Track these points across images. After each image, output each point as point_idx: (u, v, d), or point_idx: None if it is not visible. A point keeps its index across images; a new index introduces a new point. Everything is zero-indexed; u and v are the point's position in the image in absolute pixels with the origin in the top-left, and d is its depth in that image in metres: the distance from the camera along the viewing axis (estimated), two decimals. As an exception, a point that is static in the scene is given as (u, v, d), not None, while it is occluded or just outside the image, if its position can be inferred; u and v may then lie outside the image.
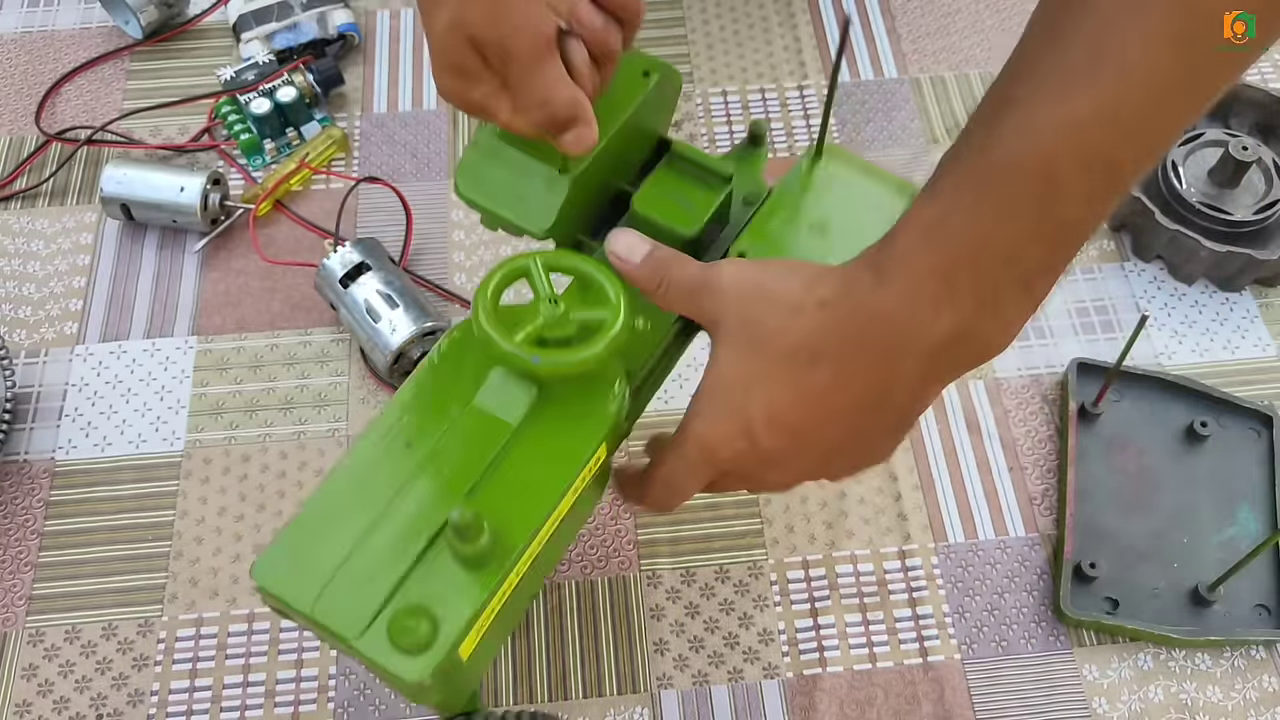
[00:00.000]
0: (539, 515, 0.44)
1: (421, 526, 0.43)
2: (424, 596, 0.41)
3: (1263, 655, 0.62)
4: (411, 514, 0.43)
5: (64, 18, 0.87)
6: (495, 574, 0.42)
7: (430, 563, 0.42)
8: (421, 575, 0.42)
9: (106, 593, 0.63)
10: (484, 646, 0.44)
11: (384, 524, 0.43)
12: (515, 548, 0.43)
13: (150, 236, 0.76)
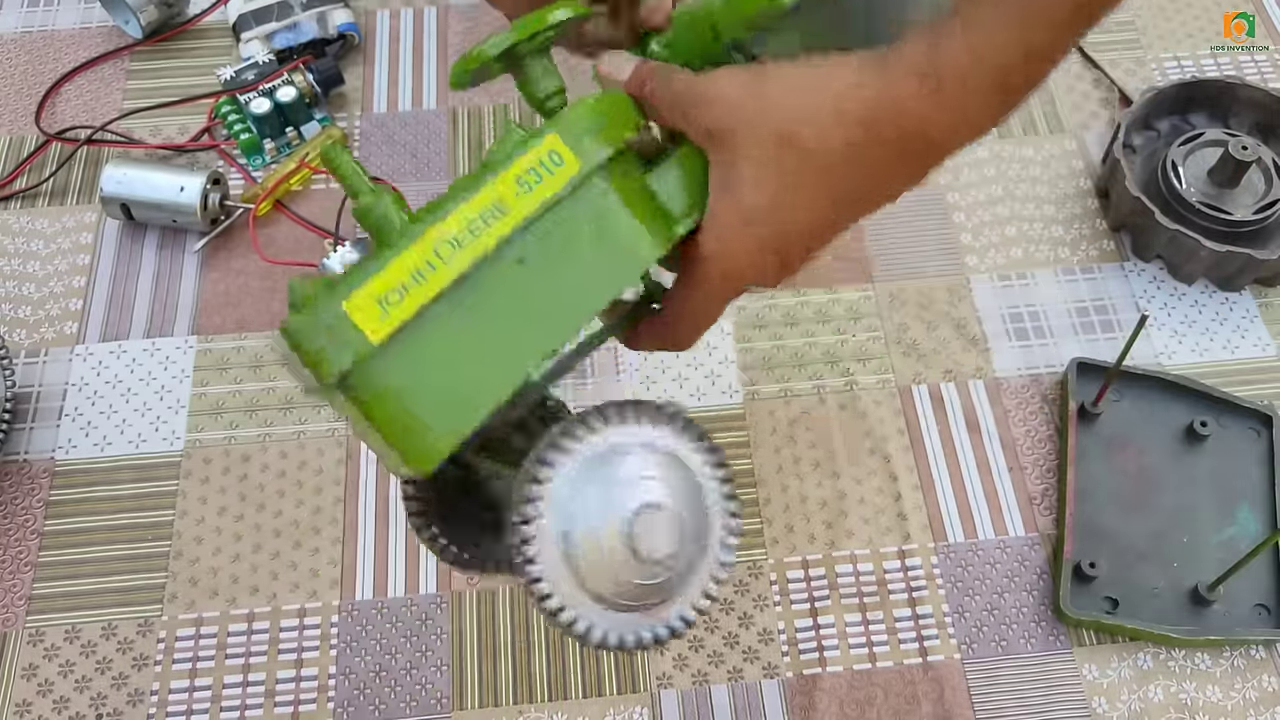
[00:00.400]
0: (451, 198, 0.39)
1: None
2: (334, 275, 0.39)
3: (1262, 655, 0.62)
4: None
5: (64, 17, 0.87)
6: (400, 238, 0.38)
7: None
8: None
9: (106, 592, 0.63)
10: (426, 362, 0.38)
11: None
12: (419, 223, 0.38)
13: (150, 236, 0.76)
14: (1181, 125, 0.79)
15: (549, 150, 0.40)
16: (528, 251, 0.39)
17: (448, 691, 0.60)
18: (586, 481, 0.37)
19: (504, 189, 0.39)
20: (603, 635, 0.37)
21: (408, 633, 0.62)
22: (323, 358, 0.35)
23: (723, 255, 0.42)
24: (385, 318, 0.36)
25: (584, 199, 0.40)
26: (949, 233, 0.77)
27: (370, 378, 0.36)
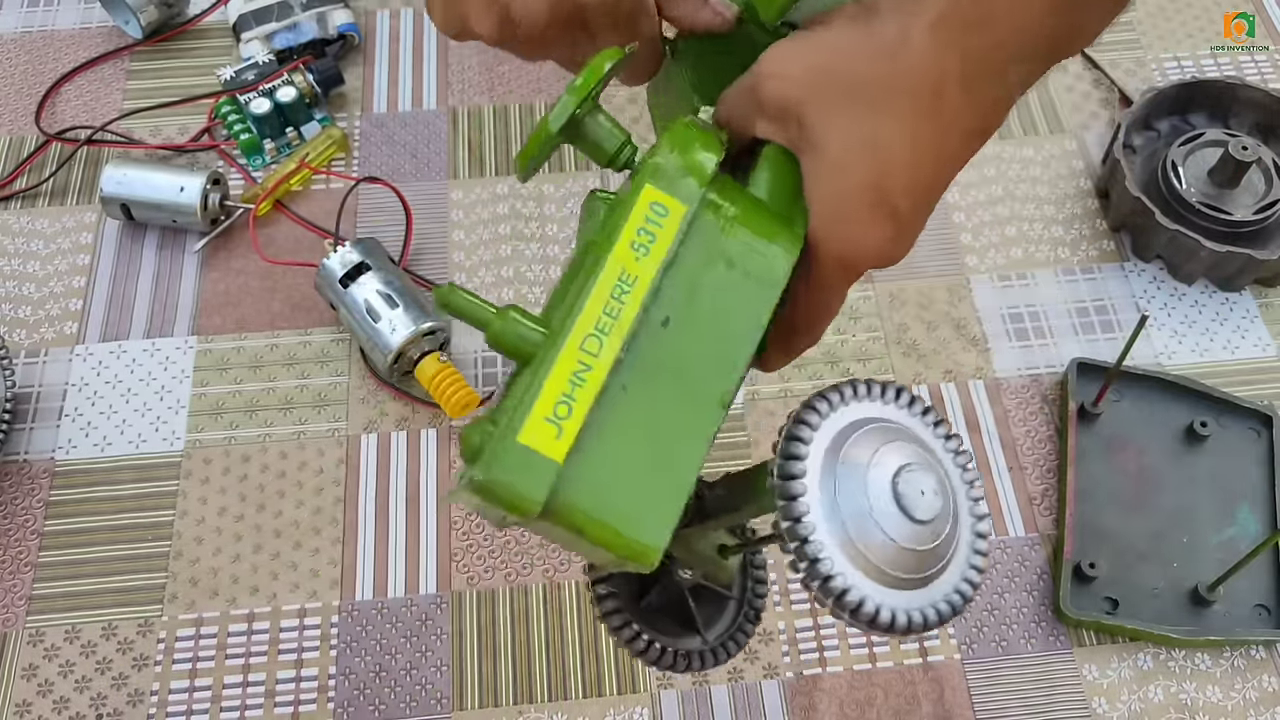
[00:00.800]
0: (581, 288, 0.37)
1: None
2: (493, 415, 0.37)
3: (1262, 655, 0.62)
4: None
5: (64, 18, 0.87)
6: (547, 350, 0.36)
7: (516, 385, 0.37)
8: (501, 405, 0.38)
9: (106, 593, 0.63)
10: (617, 457, 0.36)
11: None
12: (560, 328, 0.36)
13: (150, 236, 0.76)
14: (1181, 125, 0.79)
15: (649, 203, 0.38)
16: (669, 311, 0.37)
17: (448, 692, 0.60)
18: (839, 453, 0.36)
19: (623, 259, 0.37)
20: (891, 616, 0.35)
21: (408, 633, 0.62)
22: (519, 497, 0.34)
23: (834, 237, 0.39)
24: (561, 435, 0.34)
25: (701, 237, 0.38)
26: (949, 233, 0.77)
27: (570, 496, 0.34)
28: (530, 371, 0.36)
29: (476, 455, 0.35)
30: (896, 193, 0.38)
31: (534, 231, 0.76)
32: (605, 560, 0.37)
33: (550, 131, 0.40)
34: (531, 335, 0.36)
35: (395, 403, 0.69)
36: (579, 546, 0.36)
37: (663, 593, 0.48)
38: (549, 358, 0.35)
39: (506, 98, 0.83)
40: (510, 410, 0.35)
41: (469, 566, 0.64)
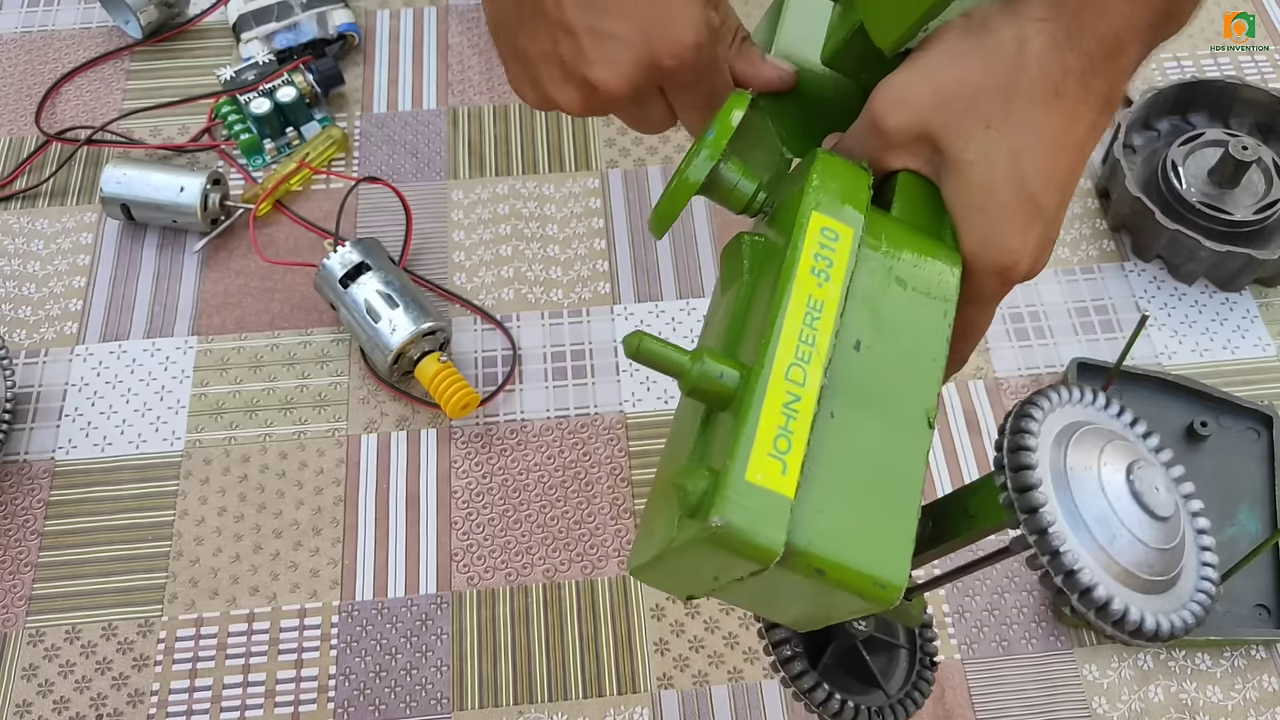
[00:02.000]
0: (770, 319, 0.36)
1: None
2: (705, 460, 0.35)
3: (1263, 655, 0.62)
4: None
5: (64, 18, 0.87)
6: (754, 383, 0.34)
7: (707, 433, 0.36)
8: (701, 450, 0.36)
9: (106, 593, 0.63)
10: (843, 489, 0.34)
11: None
12: (757, 365, 0.35)
13: (150, 236, 0.76)
14: (1181, 125, 0.79)
15: (820, 229, 0.37)
16: (857, 334, 0.36)
17: (448, 692, 0.60)
18: (1065, 458, 0.35)
19: (808, 286, 0.36)
20: (1155, 623, 0.33)
21: (408, 633, 0.62)
22: (759, 541, 0.32)
23: (990, 249, 0.39)
24: (785, 469, 0.33)
25: (870, 261, 0.38)
26: (949, 233, 0.77)
27: (807, 535, 0.32)
28: (739, 408, 0.34)
29: (698, 506, 0.32)
30: (1041, 195, 0.39)
31: (534, 231, 0.76)
32: (837, 607, 0.35)
33: (692, 187, 0.39)
34: (729, 373, 0.35)
35: (395, 403, 0.69)
36: (806, 593, 0.34)
37: (837, 649, 0.46)
38: (758, 389, 0.34)
39: (506, 98, 0.83)
40: (726, 452, 0.33)
41: (469, 566, 0.64)
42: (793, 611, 0.37)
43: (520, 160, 0.80)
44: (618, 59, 0.41)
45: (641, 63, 0.41)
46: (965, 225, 0.39)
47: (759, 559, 0.32)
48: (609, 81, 0.41)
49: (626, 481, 0.67)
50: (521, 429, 0.68)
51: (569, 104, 0.42)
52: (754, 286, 0.38)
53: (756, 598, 0.36)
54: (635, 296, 0.74)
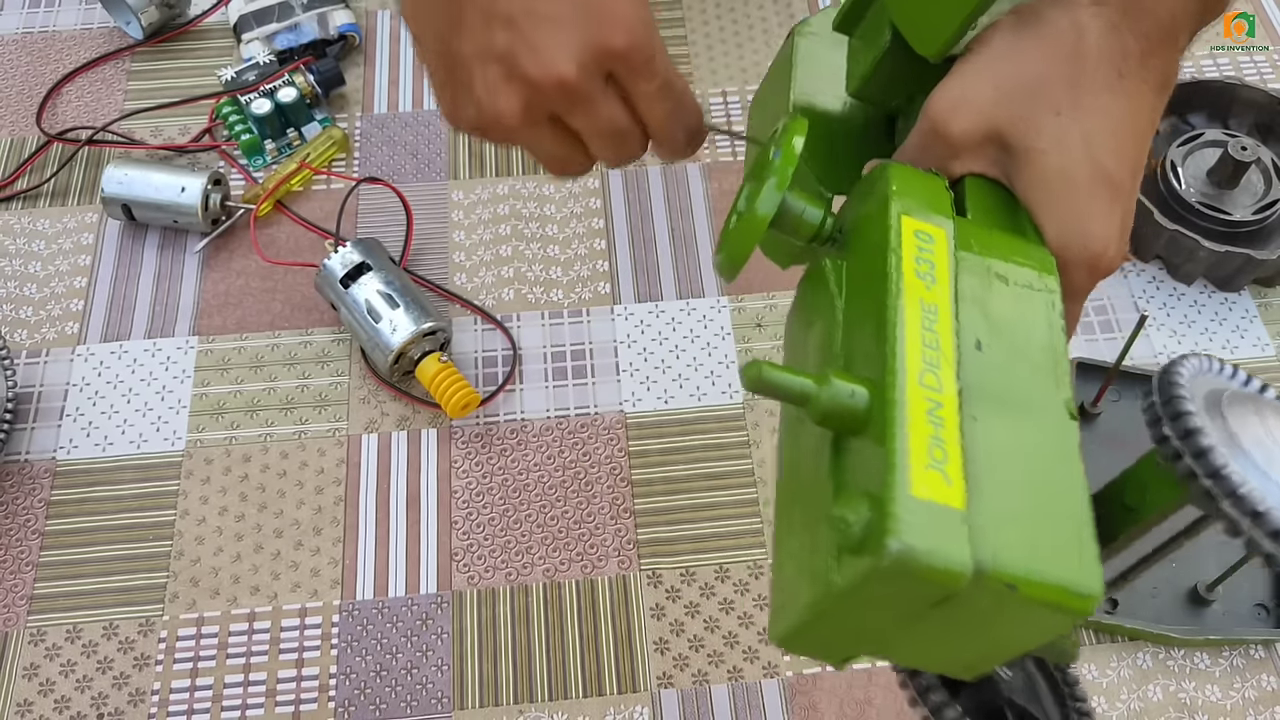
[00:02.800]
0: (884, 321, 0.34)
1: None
2: (854, 489, 0.32)
3: (1261, 654, 0.62)
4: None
5: (65, 18, 0.88)
6: (890, 394, 0.32)
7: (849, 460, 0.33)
8: (842, 481, 0.33)
9: (107, 592, 0.63)
10: (1011, 495, 0.31)
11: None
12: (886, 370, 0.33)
13: (151, 237, 0.76)
14: (1181, 125, 0.79)
15: (913, 233, 0.35)
16: (976, 334, 0.34)
17: (448, 691, 0.60)
18: (1224, 418, 0.33)
19: (917, 290, 0.34)
20: None
21: (408, 632, 0.62)
22: (946, 563, 0.28)
23: (1077, 238, 0.38)
24: (949, 481, 0.30)
25: (968, 261, 0.36)
26: (949, 233, 0.77)
27: (991, 548, 0.29)
28: (882, 423, 0.31)
29: (865, 537, 0.29)
30: (1118, 177, 0.38)
31: (534, 232, 0.77)
32: (1021, 632, 0.32)
33: (763, 221, 0.36)
34: (859, 391, 0.32)
35: (396, 403, 0.69)
36: (986, 621, 0.31)
37: (972, 702, 0.42)
38: (897, 399, 0.31)
39: (507, 98, 0.83)
40: (881, 472, 0.30)
41: (469, 566, 0.64)
42: (964, 651, 0.33)
43: (520, 160, 0.80)
44: (562, 42, 0.37)
45: (589, 44, 0.37)
46: (1048, 217, 0.38)
47: (948, 583, 0.29)
48: (556, 69, 0.37)
49: (626, 481, 0.67)
50: (522, 429, 0.69)
51: (510, 108, 0.38)
52: (852, 306, 0.36)
53: (925, 640, 0.33)
54: (635, 296, 0.74)
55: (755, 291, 0.74)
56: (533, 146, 0.41)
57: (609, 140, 0.41)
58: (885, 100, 0.44)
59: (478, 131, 0.40)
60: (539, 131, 0.40)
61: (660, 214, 0.77)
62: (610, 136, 0.41)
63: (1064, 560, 0.30)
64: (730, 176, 0.79)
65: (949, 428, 0.31)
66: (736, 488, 0.67)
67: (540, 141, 0.41)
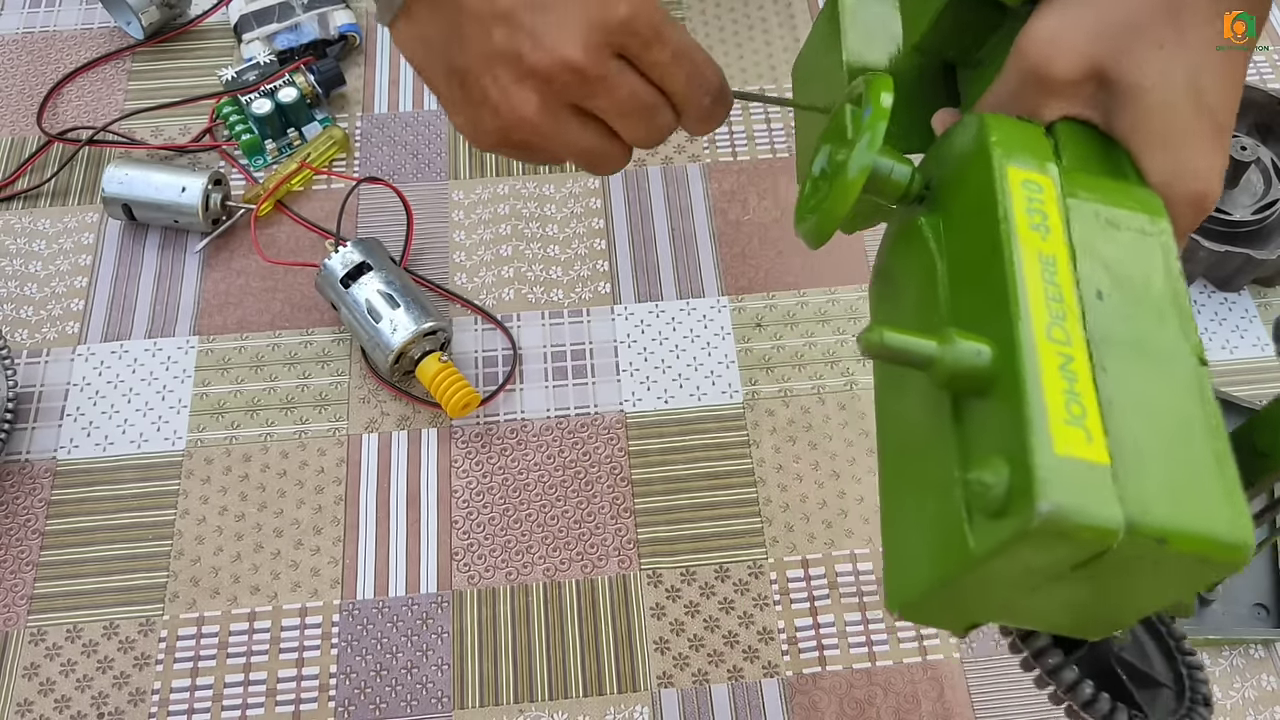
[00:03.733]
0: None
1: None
2: (987, 451, 0.31)
3: (1262, 654, 0.62)
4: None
5: (65, 18, 0.88)
6: (1019, 350, 0.30)
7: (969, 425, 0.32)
8: (968, 445, 0.32)
9: (108, 592, 0.63)
10: (1152, 446, 0.30)
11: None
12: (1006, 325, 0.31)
13: (151, 236, 0.76)
14: (1181, 125, 0.79)
15: (1020, 184, 0.34)
16: (1096, 284, 0.33)
17: (448, 690, 0.60)
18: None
19: (1033, 242, 0.33)
20: None
21: (408, 632, 0.62)
22: (1097, 520, 0.28)
23: (1183, 174, 0.37)
24: (1090, 437, 0.29)
25: (1077, 209, 0.35)
26: (949, 233, 0.77)
27: (1139, 502, 0.29)
28: (1013, 379, 0.30)
29: (1007, 499, 0.28)
30: (1220, 113, 0.37)
31: (534, 231, 0.77)
32: (1167, 587, 0.31)
33: (857, 183, 0.35)
34: (983, 349, 0.31)
35: (396, 402, 0.69)
36: (1129, 579, 0.31)
37: (1083, 664, 0.41)
38: (1026, 354, 0.30)
39: (507, 98, 0.83)
40: (1019, 427, 0.29)
41: (469, 565, 0.64)
42: (1099, 610, 0.33)
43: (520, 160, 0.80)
44: (564, 26, 0.36)
45: (592, 22, 0.36)
46: (1151, 156, 0.37)
47: (1099, 541, 0.28)
48: (562, 53, 0.36)
49: (627, 481, 0.67)
50: (522, 428, 0.69)
51: (528, 106, 0.38)
52: (956, 265, 0.35)
53: (1057, 601, 0.32)
54: (635, 296, 0.74)
55: (755, 291, 0.74)
56: (563, 145, 0.40)
57: (636, 118, 0.40)
58: (946, 50, 0.43)
59: (506, 145, 0.39)
60: (565, 126, 0.39)
61: (660, 214, 0.78)
62: (636, 114, 0.40)
63: (1213, 511, 0.29)
64: (730, 176, 0.79)
65: (1083, 381, 0.30)
66: (736, 487, 0.67)
67: (569, 137, 0.39)
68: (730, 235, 0.76)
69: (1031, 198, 0.34)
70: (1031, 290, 0.31)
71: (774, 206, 0.78)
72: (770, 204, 0.78)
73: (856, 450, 0.68)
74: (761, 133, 0.81)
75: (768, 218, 0.77)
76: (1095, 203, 0.35)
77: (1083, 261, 0.33)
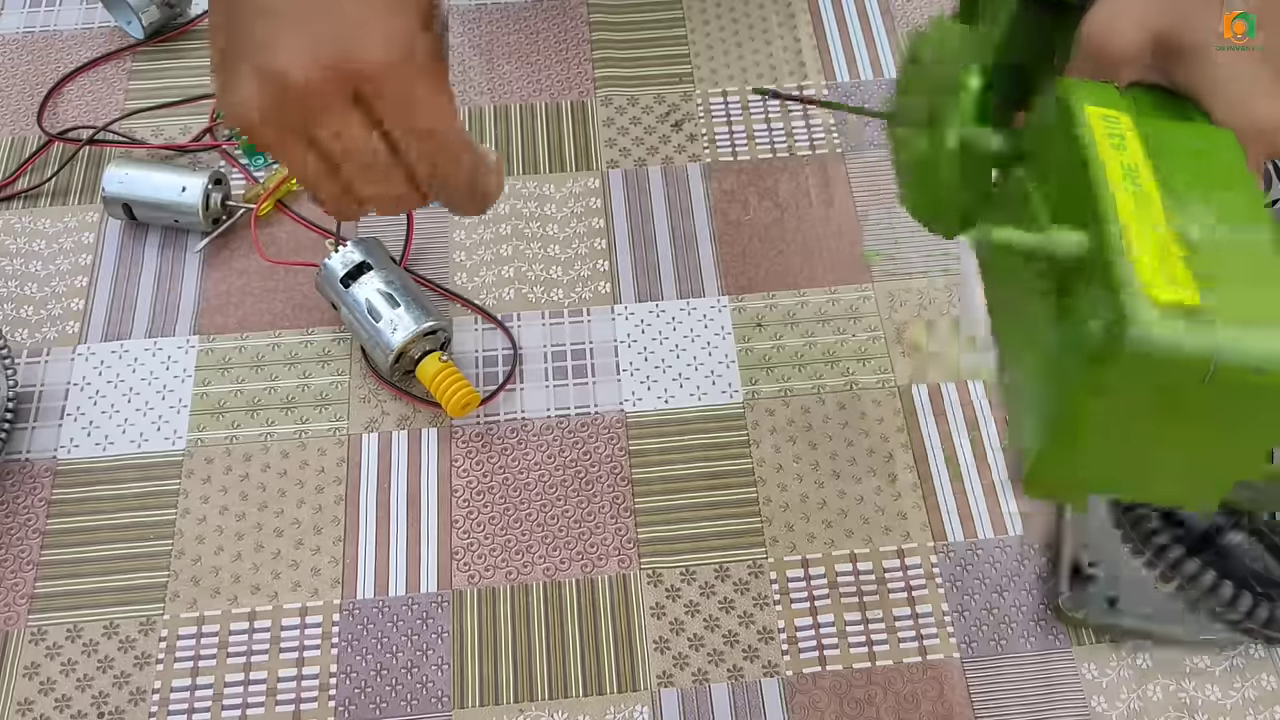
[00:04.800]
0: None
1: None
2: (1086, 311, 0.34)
3: (1262, 654, 0.62)
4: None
5: (65, 18, 0.88)
6: (1104, 226, 0.33)
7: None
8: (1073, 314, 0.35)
9: (108, 591, 0.63)
10: (1239, 289, 0.33)
11: None
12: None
13: (152, 236, 0.76)
14: (1181, 125, 0.79)
15: (1100, 118, 0.38)
16: (1173, 180, 0.36)
17: (448, 690, 0.60)
18: None
19: (1116, 156, 0.36)
20: None
21: (409, 631, 0.62)
22: (1188, 345, 0.30)
23: (1247, 116, 0.40)
24: (1177, 283, 0.31)
25: (1155, 139, 0.38)
26: (949, 233, 0.77)
27: (1230, 331, 0.31)
28: (1105, 249, 0.33)
29: (1105, 340, 0.31)
30: (1278, 55, 0.40)
31: (535, 231, 0.77)
32: (1267, 426, 0.33)
33: (953, 153, 0.40)
34: (1080, 239, 0.34)
35: (396, 402, 0.69)
36: (1230, 416, 0.33)
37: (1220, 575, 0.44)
38: (1113, 225, 0.33)
39: (507, 98, 0.83)
40: (1114, 285, 0.31)
41: (470, 565, 0.64)
42: (1206, 467, 0.35)
43: (521, 160, 0.80)
44: (309, 40, 0.36)
45: (335, 49, 0.36)
46: (1217, 100, 0.40)
47: (1192, 366, 0.30)
48: (290, 66, 0.36)
49: (627, 480, 0.67)
50: (522, 428, 0.69)
51: (253, 105, 0.38)
52: (1051, 198, 0.38)
53: (1165, 460, 0.35)
54: (635, 296, 0.74)
55: (755, 291, 0.74)
56: (287, 161, 0.40)
57: (362, 170, 0.39)
58: (1024, 57, 0.46)
59: (243, 132, 0.39)
60: (289, 140, 0.38)
61: (660, 214, 0.78)
62: (362, 166, 0.39)
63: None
64: (730, 176, 0.79)
65: (1167, 240, 0.33)
66: (736, 487, 0.67)
67: (293, 154, 0.39)
68: (730, 235, 0.77)
69: (1110, 127, 0.37)
70: (1113, 181, 0.34)
71: (774, 206, 0.78)
72: (770, 204, 0.78)
73: (856, 450, 0.68)
74: (761, 133, 0.81)
75: (768, 218, 0.77)
76: (1170, 137, 0.38)
77: (1160, 167, 0.36)
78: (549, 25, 0.88)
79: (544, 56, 0.86)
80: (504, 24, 0.88)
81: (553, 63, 0.85)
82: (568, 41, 0.87)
